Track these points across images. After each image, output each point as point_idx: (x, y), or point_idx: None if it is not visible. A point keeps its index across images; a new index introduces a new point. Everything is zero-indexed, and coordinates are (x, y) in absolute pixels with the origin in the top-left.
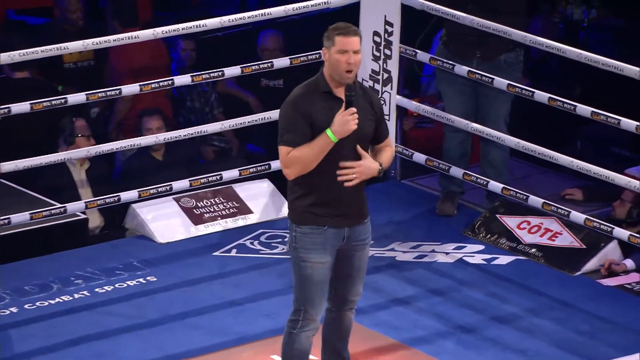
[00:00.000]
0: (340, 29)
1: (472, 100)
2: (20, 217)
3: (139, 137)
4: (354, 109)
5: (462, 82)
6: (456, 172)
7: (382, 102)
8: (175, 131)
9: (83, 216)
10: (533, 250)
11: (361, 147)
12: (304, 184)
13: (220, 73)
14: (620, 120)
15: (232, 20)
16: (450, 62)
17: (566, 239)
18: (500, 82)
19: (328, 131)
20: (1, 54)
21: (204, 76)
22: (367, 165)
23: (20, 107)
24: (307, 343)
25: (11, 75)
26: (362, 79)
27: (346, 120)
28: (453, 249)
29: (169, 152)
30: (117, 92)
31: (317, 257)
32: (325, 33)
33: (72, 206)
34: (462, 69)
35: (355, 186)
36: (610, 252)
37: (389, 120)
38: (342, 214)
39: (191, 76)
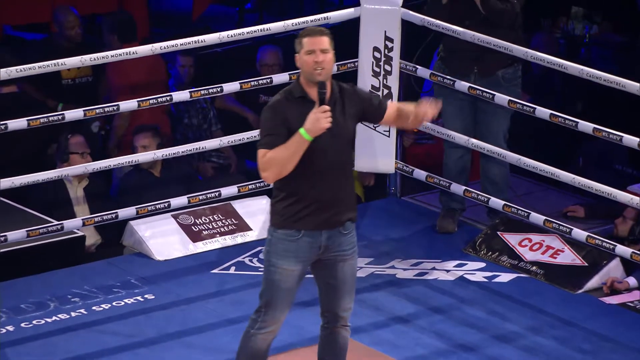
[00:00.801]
0: (307, 31)
1: (471, 116)
2: (16, 235)
3: (136, 154)
4: (326, 107)
5: (461, 98)
6: (457, 188)
7: None
8: (174, 147)
9: (80, 233)
10: (534, 267)
11: (342, 146)
12: (286, 187)
13: (219, 89)
14: (622, 136)
15: (231, 36)
16: (451, 78)
17: (568, 257)
18: (502, 98)
19: (301, 130)
20: None
21: (202, 92)
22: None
23: (17, 124)
24: (262, 345)
25: None
26: None
27: (318, 118)
28: (454, 267)
29: (167, 168)
30: (115, 108)
31: (287, 264)
32: (296, 40)
33: (69, 223)
34: (462, 85)
35: (336, 190)
36: (613, 269)
37: (388, 137)
38: (320, 216)
39: (190, 92)
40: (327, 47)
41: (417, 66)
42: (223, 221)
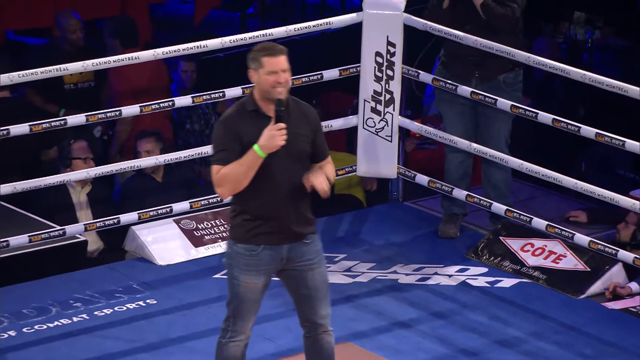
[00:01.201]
0: (267, 50)
1: (472, 121)
2: (19, 240)
3: (138, 159)
4: (282, 125)
5: (462, 102)
6: (459, 193)
7: (384, 123)
8: (176, 152)
9: (82, 238)
10: (537, 273)
11: (297, 162)
12: (241, 202)
13: (221, 94)
14: (625, 141)
15: (233, 41)
16: (453, 82)
17: (570, 262)
18: (504, 103)
19: (255, 146)
20: (1, 75)
21: (204, 97)
22: (320, 174)
23: (19, 129)
24: (236, 352)
25: None
26: (365, 100)
27: (273, 135)
28: (456, 272)
29: (169, 173)
30: (117, 113)
31: (250, 278)
32: (250, 55)
33: (71, 228)
34: (465, 90)
35: (292, 205)
36: (615, 275)
37: (390, 142)
38: (278, 232)
39: (192, 97)
40: (287, 66)
41: (420, 71)
42: (225, 226)
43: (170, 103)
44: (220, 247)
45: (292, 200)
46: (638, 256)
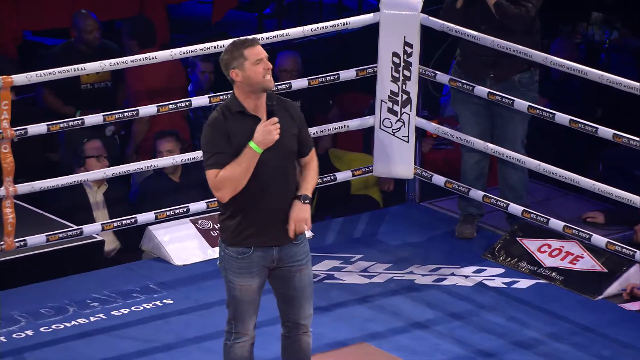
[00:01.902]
0: (244, 43)
1: (488, 121)
2: (36, 239)
3: (155, 159)
4: (275, 119)
5: (477, 102)
6: (476, 194)
7: (401, 123)
8: (192, 152)
9: (99, 238)
10: (554, 274)
11: (285, 159)
12: (231, 204)
13: None
14: None
15: None
16: (469, 83)
17: (587, 263)
18: (521, 104)
19: (251, 143)
20: (18, 75)
21: (221, 97)
22: (301, 212)
23: (37, 129)
24: (243, 352)
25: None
26: (381, 100)
27: (269, 130)
28: (473, 272)
29: (186, 173)
30: (135, 113)
31: (244, 280)
32: (225, 56)
33: (88, 228)
34: (481, 90)
35: (282, 203)
36: (632, 276)
37: (407, 142)
38: (269, 233)
39: (209, 97)
40: (267, 54)
41: (436, 71)
42: None
43: (188, 103)
44: None
45: (282, 199)
46: None
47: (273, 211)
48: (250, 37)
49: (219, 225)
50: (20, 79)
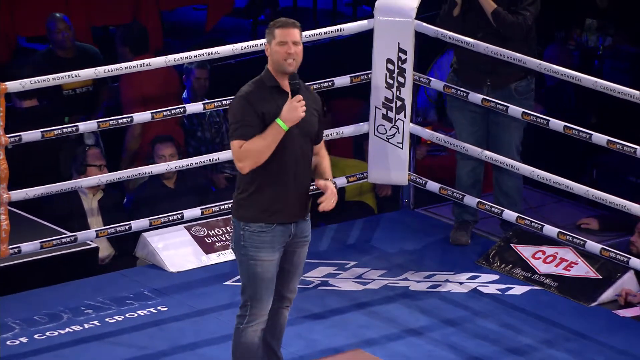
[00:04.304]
0: (279, 22)
1: (484, 128)
2: (30, 246)
3: (151, 165)
4: (300, 97)
5: (473, 110)
6: (470, 201)
7: (395, 129)
8: (187, 159)
9: (94, 245)
10: (548, 280)
11: (307, 138)
12: (254, 180)
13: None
14: (636, 148)
15: (245, 48)
16: (464, 89)
17: (582, 269)
18: (515, 110)
19: (278, 120)
20: (12, 82)
21: (216, 104)
22: (331, 188)
23: (32, 136)
24: (254, 337)
25: (19, 104)
26: (376, 107)
27: (295, 107)
28: (467, 279)
29: (181, 180)
30: (129, 119)
31: (266, 255)
32: (267, 30)
33: (82, 235)
34: (476, 97)
35: (303, 180)
36: (627, 282)
37: (402, 149)
38: (290, 209)
39: (203, 104)
40: (299, 39)
41: (431, 78)
42: None
43: (182, 110)
44: (231, 254)
45: (303, 176)
46: None
47: (294, 188)
48: (291, 20)
49: (236, 204)
50: (14, 85)
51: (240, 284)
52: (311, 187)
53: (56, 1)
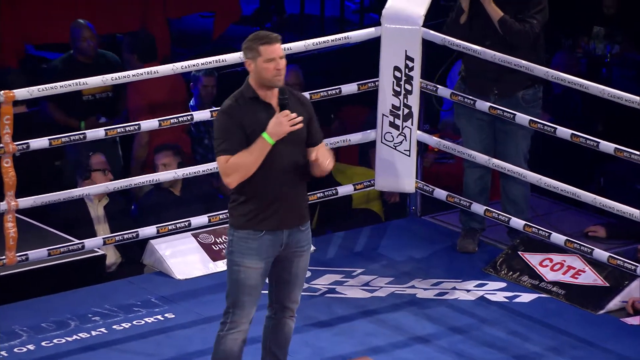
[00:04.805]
0: (262, 39)
1: (491, 137)
2: (38, 254)
3: (157, 173)
4: (287, 111)
5: (481, 118)
6: (477, 208)
7: (403, 137)
8: (194, 167)
9: (101, 252)
10: (555, 288)
11: (297, 148)
12: (243, 190)
13: None
14: None
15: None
16: (471, 97)
17: (589, 277)
18: (522, 118)
19: (264, 134)
20: (19, 90)
21: None
22: (323, 150)
23: (39, 143)
24: (233, 346)
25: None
26: (383, 114)
27: (281, 122)
28: (474, 287)
29: (188, 187)
30: (137, 127)
31: (250, 262)
32: (245, 44)
33: (90, 242)
34: (483, 105)
35: (293, 190)
36: (634, 290)
37: (409, 156)
38: (280, 218)
39: (210, 111)
40: (283, 52)
41: (438, 85)
42: None
43: (189, 117)
44: None
45: (293, 186)
46: None
47: (284, 197)
48: (273, 34)
49: (229, 212)
50: (21, 93)
51: None
52: (311, 197)
53: (65, 9)
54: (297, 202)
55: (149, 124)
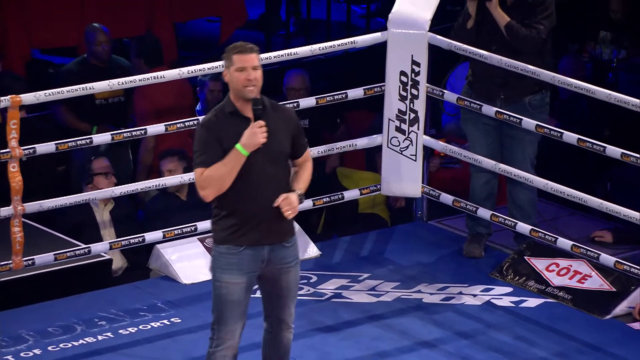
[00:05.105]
0: (237, 48)
1: (498, 142)
2: (44, 258)
3: (163, 178)
4: (261, 122)
5: (487, 123)
6: (484, 213)
7: (409, 142)
8: None
9: (107, 257)
10: (562, 293)
11: (276, 160)
12: (223, 205)
13: None
14: None
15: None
16: (477, 102)
17: (596, 282)
18: (529, 123)
19: (238, 146)
20: (26, 95)
21: None
22: (289, 197)
23: (46, 148)
24: None
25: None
26: (389, 119)
27: (254, 133)
28: (480, 291)
29: (194, 192)
30: (143, 132)
31: (231, 277)
32: (224, 54)
33: (96, 247)
34: (489, 110)
35: (271, 205)
36: None
37: (415, 161)
38: (261, 233)
39: None
40: (258, 63)
41: (444, 90)
42: None
43: (196, 122)
44: None
45: (273, 198)
46: None
47: (264, 211)
48: (250, 44)
49: (211, 228)
50: (28, 98)
51: None
52: (317, 202)
53: (72, 14)
54: (280, 217)
55: (156, 128)
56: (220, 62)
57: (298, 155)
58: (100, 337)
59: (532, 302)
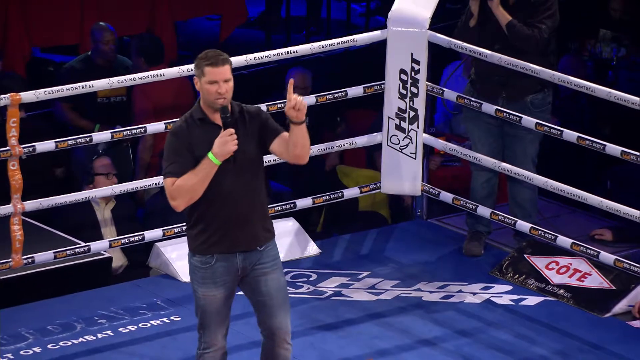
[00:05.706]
0: (209, 59)
1: (499, 141)
2: (44, 256)
3: (161, 176)
4: (231, 130)
5: (488, 121)
6: (483, 211)
7: (409, 140)
8: None
9: (107, 255)
10: (562, 291)
11: (247, 167)
12: (195, 213)
13: None
14: None
15: (258, 58)
16: (478, 100)
17: (595, 280)
18: (528, 121)
19: (210, 155)
20: (26, 92)
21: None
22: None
23: (45, 146)
24: None
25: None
26: (389, 117)
27: (225, 141)
28: (480, 290)
29: None
30: (143, 130)
31: (207, 290)
32: (195, 62)
33: (96, 245)
34: (489, 108)
35: (245, 211)
36: None
37: (415, 159)
38: (231, 241)
39: None
40: (229, 75)
41: (444, 88)
42: None
43: None
44: None
45: (245, 205)
46: None
47: (236, 219)
48: (222, 55)
49: (186, 234)
50: (28, 96)
51: None
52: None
53: (72, 12)
54: (251, 223)
55: (155, 126)
56: None
57: (270, 137)
58: (100, 335)
59: (531, 300)
